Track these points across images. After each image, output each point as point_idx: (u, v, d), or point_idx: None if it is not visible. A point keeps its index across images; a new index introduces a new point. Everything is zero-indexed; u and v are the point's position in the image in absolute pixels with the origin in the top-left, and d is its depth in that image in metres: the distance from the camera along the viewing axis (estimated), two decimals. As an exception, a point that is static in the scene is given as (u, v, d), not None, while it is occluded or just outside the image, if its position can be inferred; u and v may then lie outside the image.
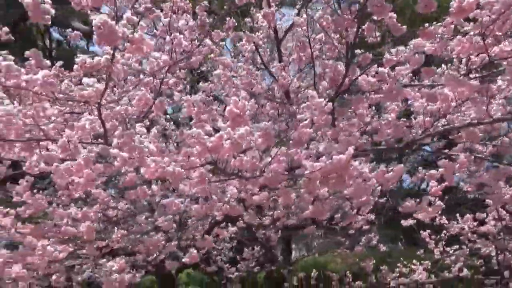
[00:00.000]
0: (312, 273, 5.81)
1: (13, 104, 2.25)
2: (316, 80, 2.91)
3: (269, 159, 1.93)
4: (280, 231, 3.97)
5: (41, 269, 2.03)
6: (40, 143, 2.29)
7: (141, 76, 2.51)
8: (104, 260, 2.71)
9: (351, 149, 1.59)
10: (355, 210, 3.78)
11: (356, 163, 1.62)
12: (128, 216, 2.69)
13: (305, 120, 1.84)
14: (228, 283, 5.66)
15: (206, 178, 1.81)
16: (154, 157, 1.68)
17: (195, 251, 2.24)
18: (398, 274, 5.21)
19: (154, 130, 2.16)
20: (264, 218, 3.06)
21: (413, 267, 5.22)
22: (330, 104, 1.91)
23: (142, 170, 1.88)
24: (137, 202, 2.94)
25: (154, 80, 2.46)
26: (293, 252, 12.47)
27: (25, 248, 2.03)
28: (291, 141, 1.92)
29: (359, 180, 1.65)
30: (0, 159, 2.79)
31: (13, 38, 3.41)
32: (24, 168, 2.60)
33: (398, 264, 5.64)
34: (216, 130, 1.85)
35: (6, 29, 3.65)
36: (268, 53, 4.14)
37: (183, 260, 2.34)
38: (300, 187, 2.06)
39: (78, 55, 1.91)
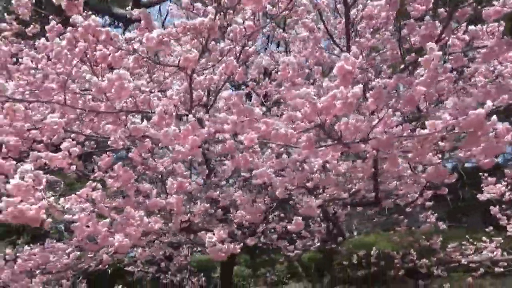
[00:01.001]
0: (372, 251, 5.68)
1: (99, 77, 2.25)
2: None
3: (376, 121, 1.80)
4: (349, 207, 3.84)
5: (134, 239, 2.02)
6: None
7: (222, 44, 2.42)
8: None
9: (489, 103, 1.42)
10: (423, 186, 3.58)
11: (494, 117, 1.45)
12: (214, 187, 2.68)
13: (421, 76, 1.68)
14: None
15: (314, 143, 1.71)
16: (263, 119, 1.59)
17: (300, 218, 2.17)
18: (470, 252, 4.97)
19: (254, 95, 2.08)
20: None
21: (484, 244, 4.96)
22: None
23: (242, 137, 1.81)
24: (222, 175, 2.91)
25: (235, 47, 2.36)
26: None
27: (123, 219, 2.03)
28: (401, 101, 1.77)
29: (492, 137, 1.49)
30: (83, 134, 2.84)
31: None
32: (109, 142, 2.62)
33: (464, 242, 5.38)
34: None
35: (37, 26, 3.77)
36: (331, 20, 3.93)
37: (289, 228, 2.28)
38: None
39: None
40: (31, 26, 4.19)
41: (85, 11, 2.33)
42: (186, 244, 5.98)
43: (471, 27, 2.44)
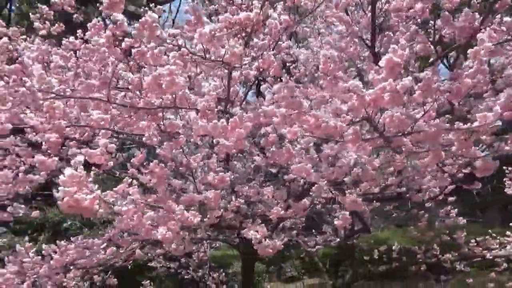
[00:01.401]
0: (394, 246, 5.66)
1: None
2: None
3: (421, 113, 1.79)
4: (374, 201, 3.83)
5: (174, 233, 2.04)
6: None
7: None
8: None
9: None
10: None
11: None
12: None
13: (470, 68, 1.66)
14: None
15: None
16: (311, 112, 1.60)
17: (347, 213, 2.17)
18: (496, 246, 4.92)
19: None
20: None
21: (508, 239, 4.90)
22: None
23: (285, 130, 1.82)
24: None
25: (270, 42, 2.36)
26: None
27: (164, 213, 2.05)
28: (448, 93, 1.75)
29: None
30: (115, 131, 2.87)
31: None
32: (143, 139, 2.65)
33: (487, 237, 5.32)
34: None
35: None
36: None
37: (335, 223, 2.28)
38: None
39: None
40: (56, 25, 4.25)
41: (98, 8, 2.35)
42: (206, 240, 6.03)
43: (506, 18, 2.41)
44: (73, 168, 1.58)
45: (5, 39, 2.11)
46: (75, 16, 4.40)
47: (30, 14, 4.26)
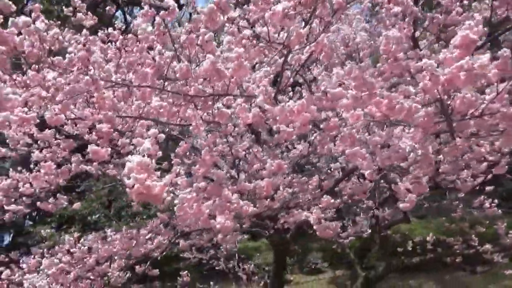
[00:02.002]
0: (428, 237, 5.55)
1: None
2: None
3: (493, 94, 1.70)
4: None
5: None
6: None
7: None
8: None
9: None
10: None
11: None
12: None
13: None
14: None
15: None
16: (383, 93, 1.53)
17: (413, 196, 2.10)
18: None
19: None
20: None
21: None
22: None
23: (347, 114, 1.75)
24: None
25: (321, 25, 2.28)
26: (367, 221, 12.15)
27: (221, 201, 2.02)
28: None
29: None
30: (160, 122, 2.86)
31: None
32: (191, 128, 2.62)
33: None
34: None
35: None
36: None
37: (401, 206, 2.21)
38: None
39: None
40: (88, 17, 4.26)
41: None
42: (236, 231, 6.04)
43: None
44: (141, 154, 1.55)
45: (56, 29, 2.10)
46: (107, 8, 4.40)
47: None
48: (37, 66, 2.23)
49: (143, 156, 1.54)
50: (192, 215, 1.92)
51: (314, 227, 2.00)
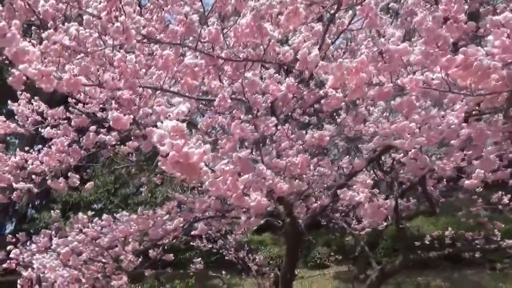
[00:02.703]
0: (447, 232, 5.37)
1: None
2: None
3: None
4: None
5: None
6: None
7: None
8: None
9: None
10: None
11: None
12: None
13: None
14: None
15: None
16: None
17: (481, 171, 1.91)
18: None
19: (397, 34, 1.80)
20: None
21: None
22: None
23: (405, 79, 1.56)
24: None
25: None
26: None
27: (255, 177, 1.83)
28: None
29: None
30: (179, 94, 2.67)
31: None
32: (215, 103, 2.43)
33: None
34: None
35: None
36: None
37: (466, 182, 2.03)
38: None
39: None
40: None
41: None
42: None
43: None
44: (175, 118, 1.36)
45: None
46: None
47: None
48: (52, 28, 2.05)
49: (178, 119, 1.35)
50: (225, 191, 1.73)
51: (365, 207, 1.81)
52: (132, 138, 2.29)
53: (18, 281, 3.59)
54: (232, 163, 1.62)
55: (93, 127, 2.69)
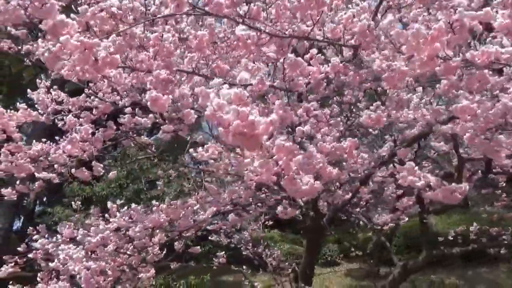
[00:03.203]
0: (471, 227, 5.22)
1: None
2: None
3: None
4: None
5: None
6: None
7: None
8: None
9: None
10: None
11: None
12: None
13: None
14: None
15: None
16: None
17: None
18: None
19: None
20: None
21: None
22: None
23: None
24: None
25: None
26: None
27: (305, 159, 1.71)
28: None
29: None
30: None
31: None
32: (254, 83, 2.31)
33: None
34: None
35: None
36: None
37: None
38: None
39: None
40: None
41: None
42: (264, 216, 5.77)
43: None
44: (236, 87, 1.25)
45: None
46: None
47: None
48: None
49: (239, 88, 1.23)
50: (275, 172, 1.61)
51: (428, 194, 1.69)
52: (167, 121, 2.18)
53: (39, 275, 3.50)
54: (289, 139, 1.50)
55: (130, 109, 2.58)
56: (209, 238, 5.66)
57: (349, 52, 2.15)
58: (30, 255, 2.66)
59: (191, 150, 2.27)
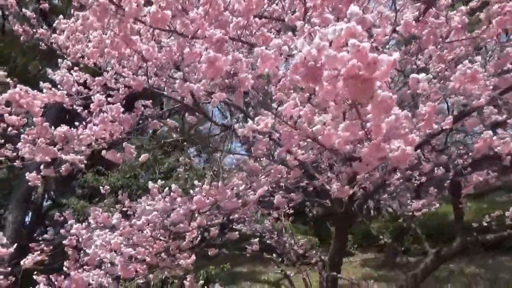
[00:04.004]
0: (507, 212, 5.00)
1: None
2: None
3: None
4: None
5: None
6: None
7: None
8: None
9: None
10: None
11: None
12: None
13: None
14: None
15: None
16: None
17: None
18: None
19: None
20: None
21: None
22: None
23: None
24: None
25: None
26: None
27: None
28: None
29: None
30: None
31: None
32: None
33: None
34: None
35: None
36: None
37: None
38: None
39: None
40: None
41: None
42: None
43: None
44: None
45: None
46: None
47: None
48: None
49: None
50: (364, 134, 1.40)
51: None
52: (219, 90, 1.97)
53: (65, 263, 3.33)
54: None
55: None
56: (233, 226, 5.48)
57: None
58: (64, 242, 2.48)
59: (236, 126, 2.06)
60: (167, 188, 2.41)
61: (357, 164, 1.88)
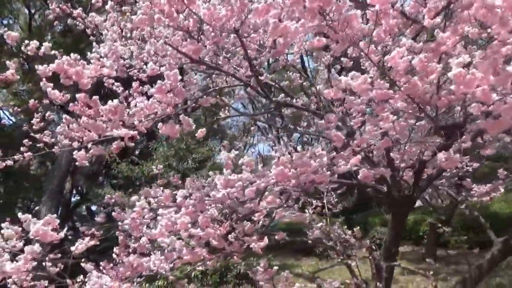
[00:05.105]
0: None
1: None
2: None
3: None
4: None
5: None
6: None
7: None
8: None
9: None
10: None
11: None
12: None
13: None
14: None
15: None
16: None
17: None
18: None
19: None
20: None
21: None
22: None
23: None
24: None
25: None
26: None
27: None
28: None
29: None
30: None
31: None
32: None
33: None
34: None
35: None
36: None
37: None
38: None
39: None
40: None
41: None
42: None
43: None
44: None
45: None
46: None
47: None
48: None
49: None
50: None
51: None
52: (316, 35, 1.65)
53: (115, 249, 3.12)
54: None
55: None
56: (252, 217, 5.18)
57: None
58: (127, 221, 2.23)
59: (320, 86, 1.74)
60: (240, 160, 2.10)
61: (490, 123, 1.53)
